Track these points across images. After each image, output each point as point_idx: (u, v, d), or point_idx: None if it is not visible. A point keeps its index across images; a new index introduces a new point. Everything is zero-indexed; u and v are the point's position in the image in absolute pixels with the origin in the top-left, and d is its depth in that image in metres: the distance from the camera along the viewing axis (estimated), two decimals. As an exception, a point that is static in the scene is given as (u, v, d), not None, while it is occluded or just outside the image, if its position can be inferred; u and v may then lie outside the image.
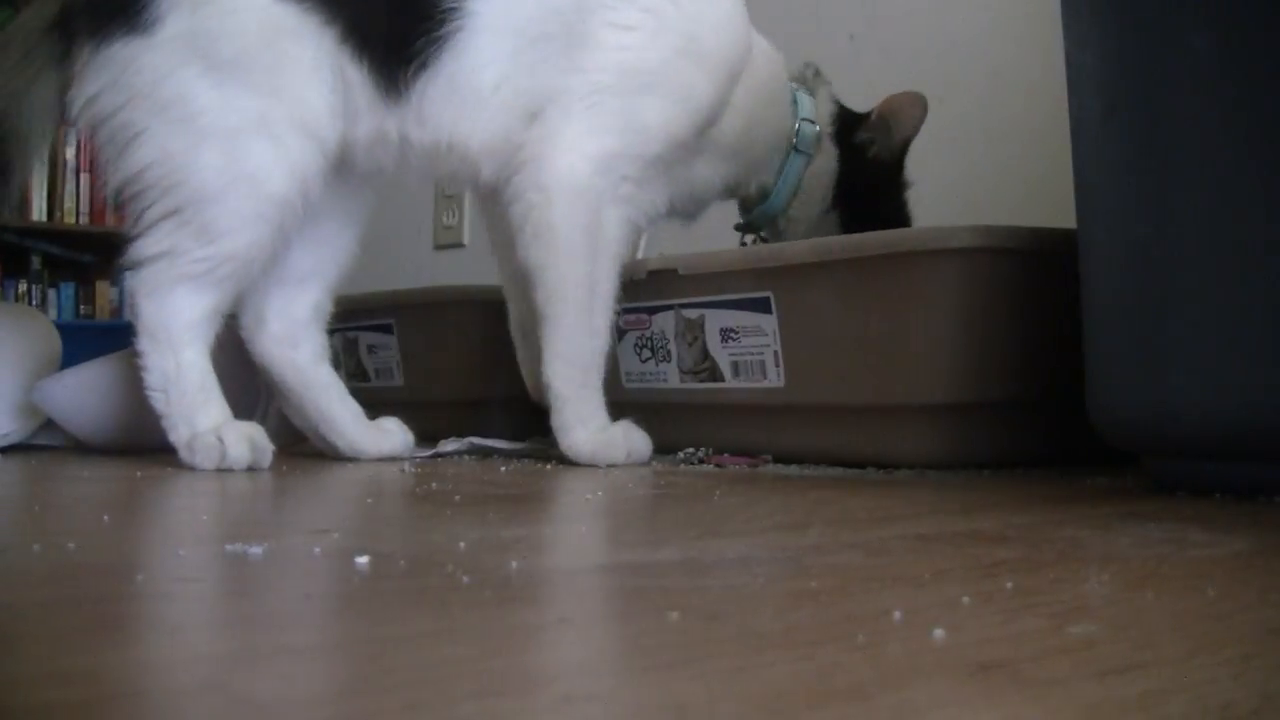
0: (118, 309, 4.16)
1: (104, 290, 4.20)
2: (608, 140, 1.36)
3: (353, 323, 1.83)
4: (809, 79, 1.56)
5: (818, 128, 1.53)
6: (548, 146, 1.36)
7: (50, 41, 1.33)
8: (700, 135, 1.41)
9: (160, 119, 1.30)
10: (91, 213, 4.11)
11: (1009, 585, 0.61)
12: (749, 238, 1.61)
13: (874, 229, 1.41)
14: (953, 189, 1.64)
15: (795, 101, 1.53)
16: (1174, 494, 1.06)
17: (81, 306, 4.18)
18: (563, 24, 1.36)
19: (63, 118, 1.36)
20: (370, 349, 1.89)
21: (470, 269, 2.61)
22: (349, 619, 0.55)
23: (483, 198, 1.50)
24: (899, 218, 1.55)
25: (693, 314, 1.45)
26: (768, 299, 1.37)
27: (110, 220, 4.03)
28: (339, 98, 1.34)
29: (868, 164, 1.55)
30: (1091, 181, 1.09)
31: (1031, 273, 1.27)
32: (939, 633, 0.49)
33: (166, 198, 1.30)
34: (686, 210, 1.52)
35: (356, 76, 1.34)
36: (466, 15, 1.34)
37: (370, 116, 1.37)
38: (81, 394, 1.57)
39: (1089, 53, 1.09)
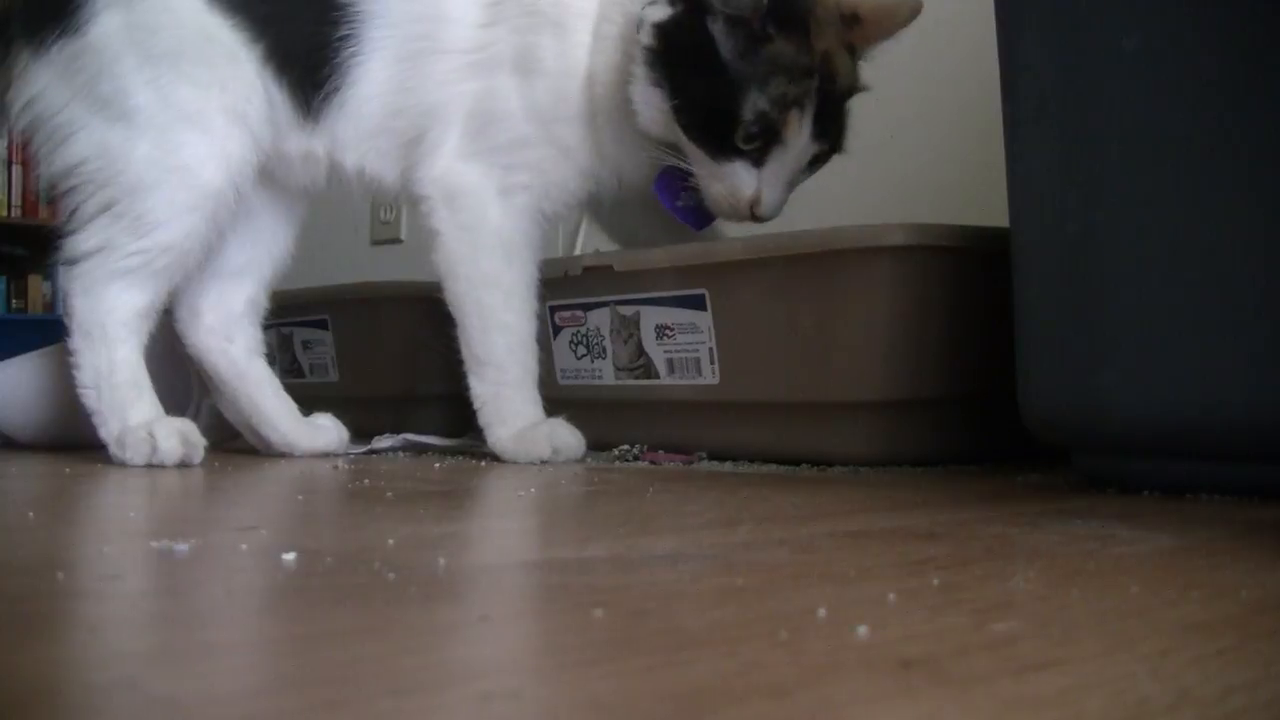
0: (50, 303, 4.11)
1: (36, 284, 4.16)
2: (478, 137, 1.37)
3: (288, 318, 1.81)
4: None
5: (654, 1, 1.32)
6: (427, 159, 1.38)
7: None
8: (567, 99, 1.37)
9: (97, 115, 1.31)
10: (24, 205, 4.06)
11: (935, 582, 0.61)
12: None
13: (705, 113, 1.29)
14: (886, 187, 1.65)
15: None
16: (1103, 491, 1.07)
17: (13, 300, 4.14)
18: (431, 42, 1.38)
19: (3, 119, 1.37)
20: (305, 344, 1.88)
21: (407, 265, 2.59)
22: (271, 616, 0.55)
23: None
24: (733, 107, 1.27)
25: (628, 311, 1.45)
26: (702, 296, 1.37)
27: (43, 213, 3.98)
28: (267, 105, 1.36)
29: (702, 13, 1.28)
30: (1024, 180, 1.10)
31: (964, 271, 1.27)
32: (862, 630, 0.49)
33: (101, 191, 1.31)
34: (631, 171, 1.40)
35: (278, 97, 1.37)
36: (361, 43, 1.36)
37: (297, 136, 1.40)
38: (12, 389, 1.55)
39: (1022, 53, 1.09)
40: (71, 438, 1.48)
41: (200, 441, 1.30)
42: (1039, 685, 0.42)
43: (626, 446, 1.46)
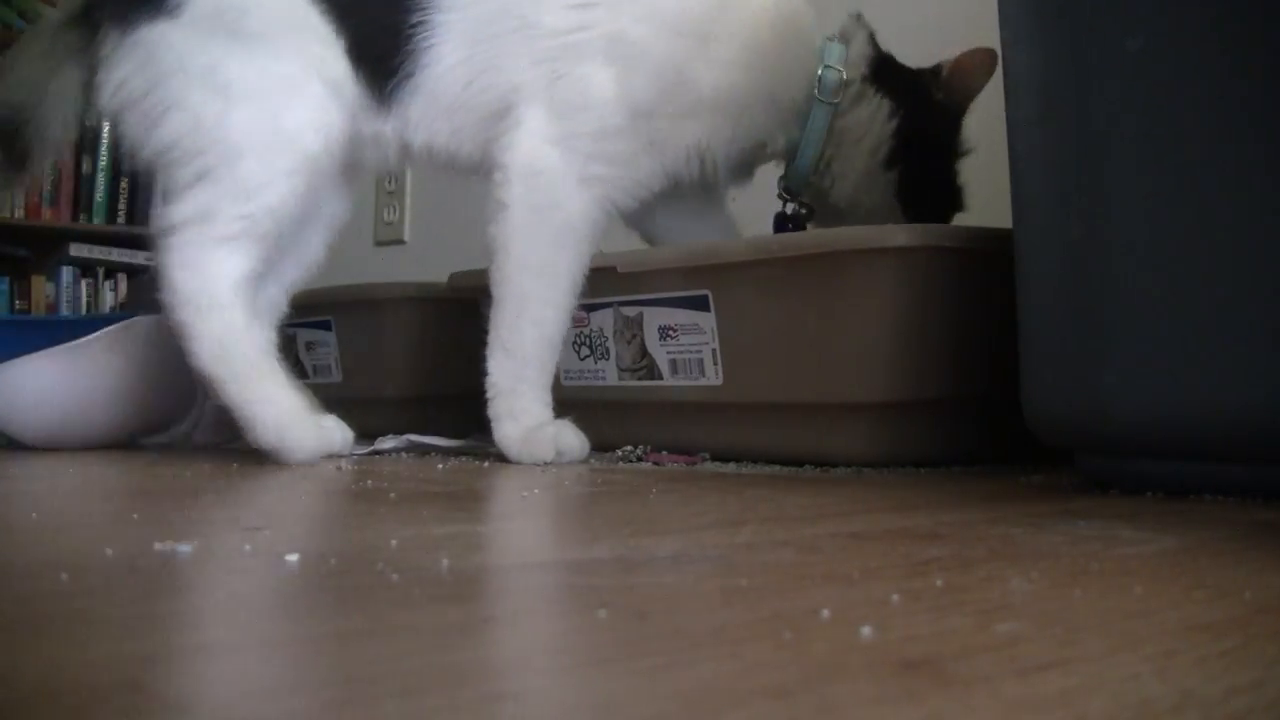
0: (53, 304, 4.11)
1: (39, 285, 4.15)
2: (565, 121, 1.37)
3: (291, 319, 1.81)
4: (849, 29, 1.50)
5: (844, 74, 1.45)
6: (513, 134, 1.38)
7: (72, 35, 1.36)
8: (675, 99, 1.39)
9: (191, 91, 1.33)
10: (26, 207, 4.06)
11: (939, 583, 0.61)
12: (790, 206, 1.56)
13: (933, 194, 1.42)
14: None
15: (823, 51, 1.47)
16: (1107, 492, 1.07)
17: (16, 301, 4.13)
18: (519, 18, 1.38)
19: (85, 109, 1.39)
20: (308, 345, 1.88)
21: (411, 266, 2.60)
22: (275, 617, 0.55)
23: None
24: (953, 186, 1.48)
25: (631, 312, 1.45)
26: (706, 297, 1.37)
27: (45, 215, 3.99)
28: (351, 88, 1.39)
29: (935, 113, 1.47)
30: (1027, 181, 1.10)
31: (968, 272, 1.27)
32: (866, 630, 0.49)
33: (197, 159, 1.32)
34: (712, 176, 1.47)
35: (353, 89, 1.39)
36: (435, 27, 1.38)
37: (369, 121, 1.41)
38: (16, 390, 1.55)
39: (1025, 54, 1.09)
40: (75, 439, 1.48)
41: (348, 434, 1.33)
42: (1042, 686, 0.42)
43: (630, 447, 1.46)
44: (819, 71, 1.45)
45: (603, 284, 1.47)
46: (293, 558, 0.65)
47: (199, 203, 1.31)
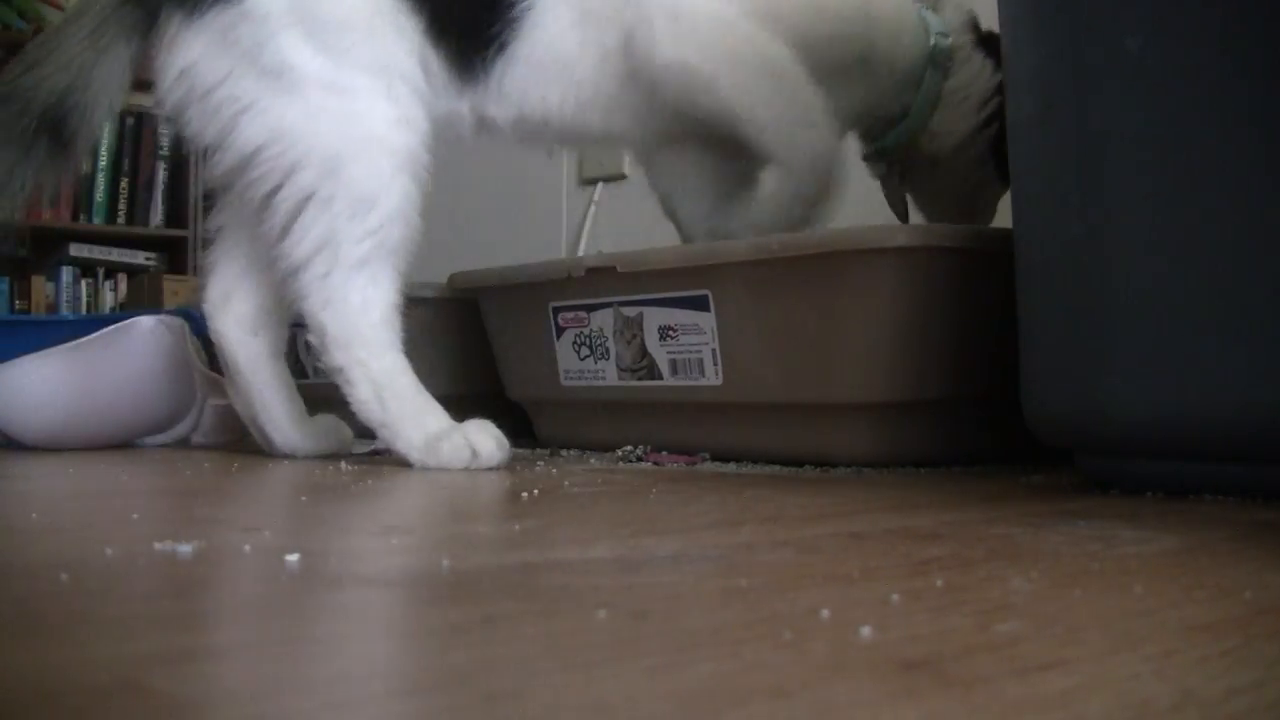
0: (53, 304, 4.11)
1: (39, 285, 4.16)
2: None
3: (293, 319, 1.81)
4: None
5: (950, 40, 1.52)
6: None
7: (125, 13, 1.28)
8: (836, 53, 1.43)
9: (267, 90, 1.26)
10: (26, 207, 4.06)
11: (939, 583, 0.61)
12: (882, 167, 1.63)
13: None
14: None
15: (926, 21, 1.53)
16: (1107, 492, 1.07)
17: (16, 301, 4.14)
18: None
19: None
20: (309, 345, 1.88)
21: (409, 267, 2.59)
22: (274, 618, 0.55)
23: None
24: None
25: (631, 312, 1.45)
26: (706, 297, 1.37)
27: (45, 215, 3.99)
28: (425, 74, 1.33)
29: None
30: (1028, 181, 1.10)
31: (969, 272, 1.27)
32: (866, 630, 0.49)
33: (293, 179, 1.26)
34: None
35: (434, 64, 1.34)
36: None
37: (443, 100, 1.36)
38: (16, 390, 1.55)
39: (1026, 54, 1.09)
40: (75, 439, 1.48)
41: (506, 443, 1.28)
42: (1042, 686, 0.42)
43: (630, 447, 1.46)
44: (931, 41, 1.51)
45: (603, 284, 1.47)
46: (293, 558, 0.65)
47: (318, 230, 1.25)
